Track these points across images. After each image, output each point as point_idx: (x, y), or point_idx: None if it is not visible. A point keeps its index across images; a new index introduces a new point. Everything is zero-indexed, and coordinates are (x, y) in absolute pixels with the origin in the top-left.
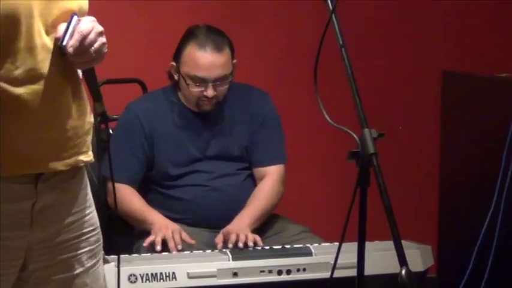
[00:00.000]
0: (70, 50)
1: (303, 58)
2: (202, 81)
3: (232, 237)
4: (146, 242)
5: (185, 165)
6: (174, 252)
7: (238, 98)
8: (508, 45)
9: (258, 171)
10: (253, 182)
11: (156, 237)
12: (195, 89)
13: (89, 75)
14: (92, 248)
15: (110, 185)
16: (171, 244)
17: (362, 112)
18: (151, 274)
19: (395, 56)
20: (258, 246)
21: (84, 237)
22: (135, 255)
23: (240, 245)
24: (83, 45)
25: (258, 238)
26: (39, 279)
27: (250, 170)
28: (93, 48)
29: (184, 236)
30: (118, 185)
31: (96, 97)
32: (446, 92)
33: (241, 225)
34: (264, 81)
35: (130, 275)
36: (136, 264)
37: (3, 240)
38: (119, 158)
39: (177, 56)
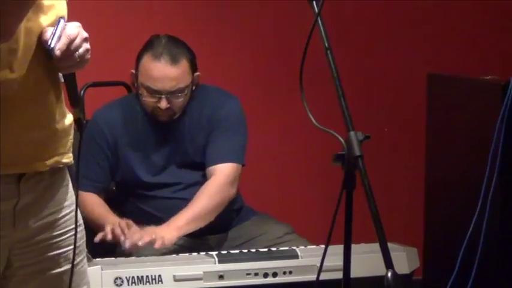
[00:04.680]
0: (57, 52)
1: (288, 60)
2: (155, 93)
3: (137, 237)
4: (98, 237)
5: (152, 176)
6: (160, 256)
7: (199, 102)
8: (493, 47)
9: (208, 171)
10: None
11: (105, 230)
12: (149, 99)
13: (70, 80)
14: (78, 245)
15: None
16: (121, 238)
17: (348, 115)
18: (137, 277)
19: (380, 59)
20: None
21: (70, 234)
22: (121, 258)
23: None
24: (69, 49)
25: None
26: (25, 276)
27: None
28: (77, 53)
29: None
30: (81, 193)
31: (75, 102)
32: (432, 94)
33: (169, 228)
34: (249, 84)
35: (116, 278)
36: (122, 267)
37: None
38: (82, 166)
39: (136, 64)
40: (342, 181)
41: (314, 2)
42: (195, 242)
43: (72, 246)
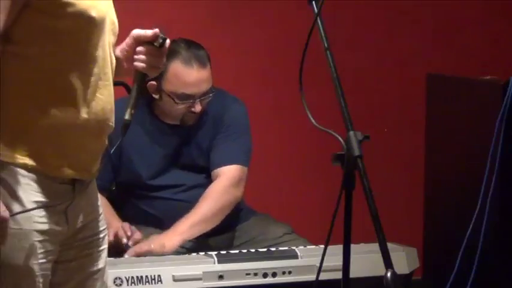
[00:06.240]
0: (167, 45)
1: (287, 60)
2: (189, 98)
3: (142, 248)
4: None
5: (154, 178)
6: (160, 256)
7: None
8: (492, 47)
9: (213, 173)
10: None
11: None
12: (181, 106)
13: (143, 80)
14: (107, 246)
15: None
16: (124, 240)
17: (347, 114)
18: (137, 277)
19: (380, 59)
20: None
21: (103, 235)
22: (121, 258)
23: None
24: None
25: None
26: (65, 272)
27: None
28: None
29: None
30: None
31: (137, 104)
32: (431, 94)
33: (173, 234)
34: (248, 83)
35: (116, 278)
36: (121, 267)
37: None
38: None
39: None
40: (341, 181)
41: (314, 2)
42: (195, 243)
43: (104, 246)
